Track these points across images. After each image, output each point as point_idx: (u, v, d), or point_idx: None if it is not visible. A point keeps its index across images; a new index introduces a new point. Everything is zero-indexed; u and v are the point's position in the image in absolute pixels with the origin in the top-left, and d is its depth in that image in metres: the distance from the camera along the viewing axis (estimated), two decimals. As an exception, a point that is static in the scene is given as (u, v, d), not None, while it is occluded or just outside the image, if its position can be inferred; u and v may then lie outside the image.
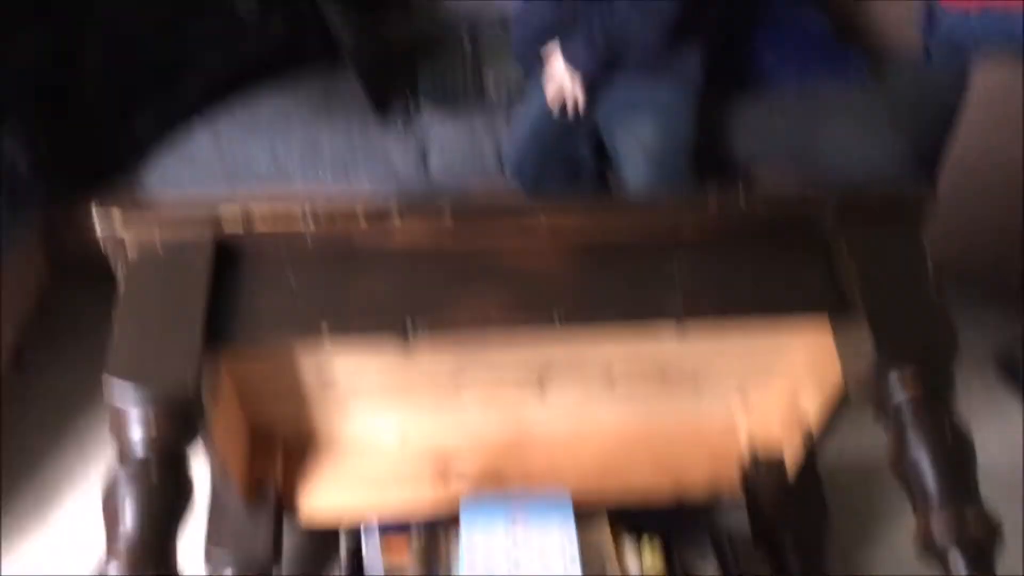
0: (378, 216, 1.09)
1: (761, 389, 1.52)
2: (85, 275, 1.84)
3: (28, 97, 1.60)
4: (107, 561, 0.92)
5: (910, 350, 1.07)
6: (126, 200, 1.73)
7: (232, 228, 1.06)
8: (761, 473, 1.48)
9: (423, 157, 1.84)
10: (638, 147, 1.76)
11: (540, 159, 1.82)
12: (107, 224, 1.05)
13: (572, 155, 1.86)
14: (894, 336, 1.07)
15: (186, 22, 1.81)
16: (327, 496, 1.48)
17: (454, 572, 1.28)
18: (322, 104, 1.85)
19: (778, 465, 1.48)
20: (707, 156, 1.83)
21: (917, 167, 1.81)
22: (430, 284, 1.12)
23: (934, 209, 1.16)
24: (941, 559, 1.00)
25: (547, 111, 1.77)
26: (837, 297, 1.12)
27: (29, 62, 1.62)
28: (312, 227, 1.07)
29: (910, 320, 1.08)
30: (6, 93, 1.58)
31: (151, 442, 0.98)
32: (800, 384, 1.42)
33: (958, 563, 0.98)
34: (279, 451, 1.48)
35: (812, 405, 1.37)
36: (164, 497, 0.97)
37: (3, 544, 1.62)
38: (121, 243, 1.06)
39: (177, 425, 1.00)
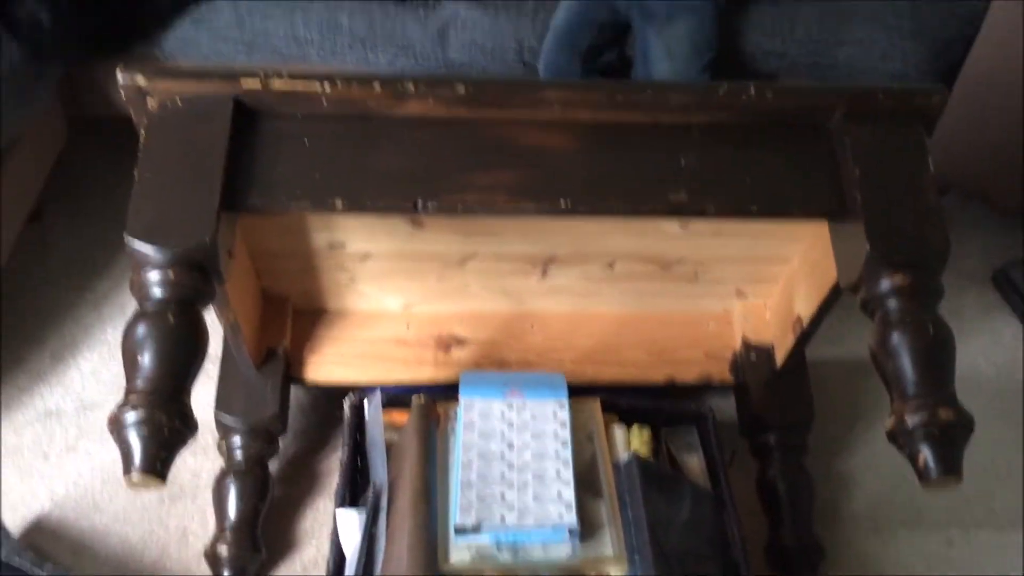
0: (393, 84, 1.11)
1: (758, 285, 1.56)
2: (102, 136, 1.89)
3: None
4: (124, 404, 0.98)
5: (903, 249, 1.10)
6: (148, 62, 1.75)
7: (251, 86, 1.09)
8: (751, 360, 1.54)
9: (442, 40, 1.83)
10: (664, 51, 1.76)
11: (568, 63, 1.80)
12: (130, 78, 1.07)
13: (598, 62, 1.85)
14: (889, 235, 1.10)
15: None
16: (333, 364, 1.54)
17: (452, 436, 1.35)
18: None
19: (768, 353, 1.54)
20: (728, 64, 1.82)
21: (935, 77, 1.81)
22: (442, 159, 1.14)
23: (942, 111, 1.18)
24: (909, 445, 1.05)
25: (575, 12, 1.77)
26: (838, 198, 1.15)
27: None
28: (328, 90, 1.10)
29: (906, 221, 1.11)
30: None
31: (170, 294, 1.03)
32: (796, 282, 1.46)
33: (925, 450, 1.03)
34: (288, 318, 1.54)
35: (806, 304, 1.41)
36: (181, 343, 1.02)
37: (20, 400, 1.68)
38: (143, 96, 1.08)
39: (195, 281, 1.05)
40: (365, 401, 1.42)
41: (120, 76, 1.06)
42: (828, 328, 1.45)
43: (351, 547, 1.28)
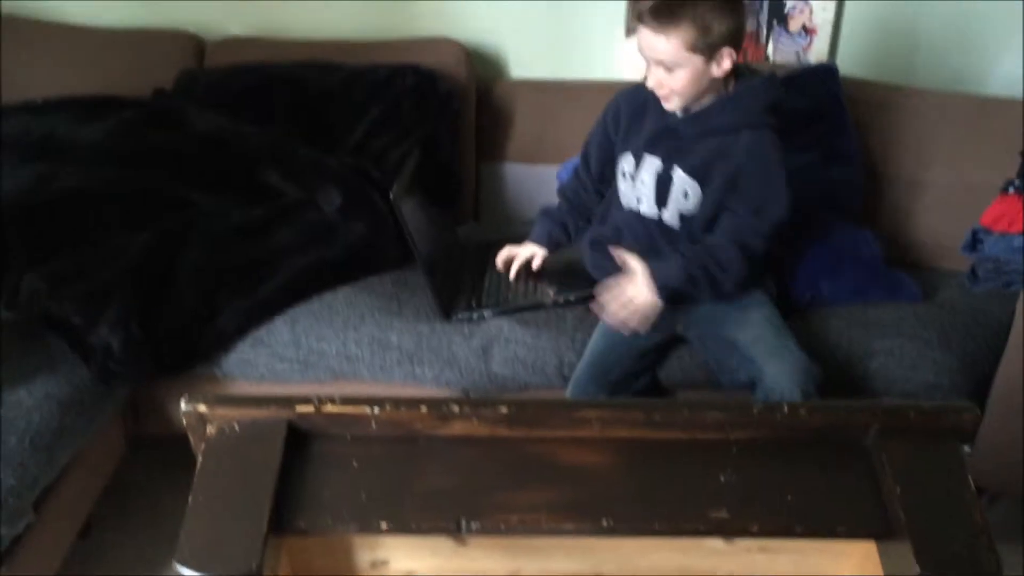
0: (438, 406, 1.16)
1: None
2: (158, 452, 1.95)
3: (129, 288, 1.75)
4: None
5: (954, 573, 1.07)
6: (208, 391, 1.85)
7: (304, 409, 1.15)
8: None
9: (486, 355, 1.92)
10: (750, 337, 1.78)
11: (596, 395, 1.82)
12: (192, 407, 1.14)
13: (631, 373, 1.88)
14: (939, 558, 1.07)
15: (276, 226, 1.99)
16: None
17: None
18: (393, 302, 1.97)
19: None
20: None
21: (968, 386, 1.84)
22: (485, 478, 1.17)
23: (978, 428, 1.20)
24: None
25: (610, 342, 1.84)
26: (883, 518, 1.14)
27: (135, 258, 1.80)
28: (377, 412, 1.15)
29: (955, 542, 1.09)
30: (114, 284, 1.74)
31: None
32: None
33: None
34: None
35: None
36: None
37: None
38: (203, 423, 1.14)
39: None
40: None
41: (183, 404, 1.13)
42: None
43: None
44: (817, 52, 2.49)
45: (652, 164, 1.82)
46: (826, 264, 2.04)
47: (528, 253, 2.02)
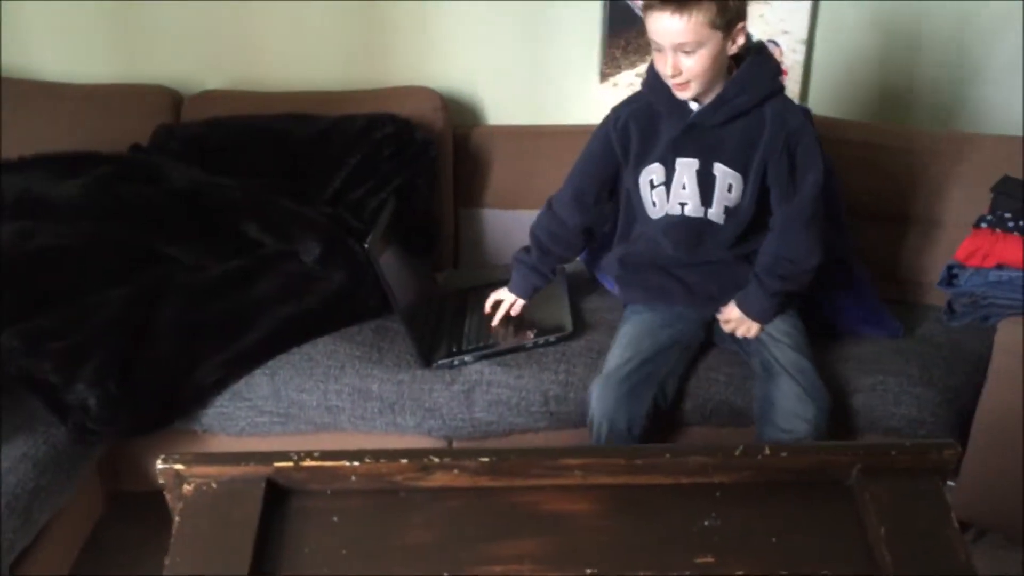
0: (419, 457, 1.15)
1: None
2: (137, 508, 1.92)
3: (107, 344, 1.74)
4: None
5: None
6: (186, 448, 1.83)
7: (283, 465, 1.13)
8: None
9: (468, 400, 1.92)
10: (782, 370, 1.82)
11: (629, 402, 1.81)
12: (169, 467, 1.12)
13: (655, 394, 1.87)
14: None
15: (255, 278, 1.99)
16: None
17: None
18: (374, 351, 1.97)
19: None
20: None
21: (950, 420, 1.84)
22: (467, 529, 1.15)
23: (960, 463, 1.20)
24: None
25: (639, 355, 1.85)
26: (868, 558, 1.13)
27: (113, 314, 1.79)
28: (357, 466, 1.14)
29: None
30: (91, 341, 1.73)
31: None
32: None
33: None
34: None
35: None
36: None
37: None
38: (180, 482, 1.13)
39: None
40: None
41: (160, 463, 1.11)
42: None
43: None
44: (789, 92, 2.52)
45: (689, 166, 1.83)
46: (818, 296, 2.05)
47: (510, 301, 2.03)
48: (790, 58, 2.49)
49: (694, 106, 1.79)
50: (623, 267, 2.01)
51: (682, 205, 1.86)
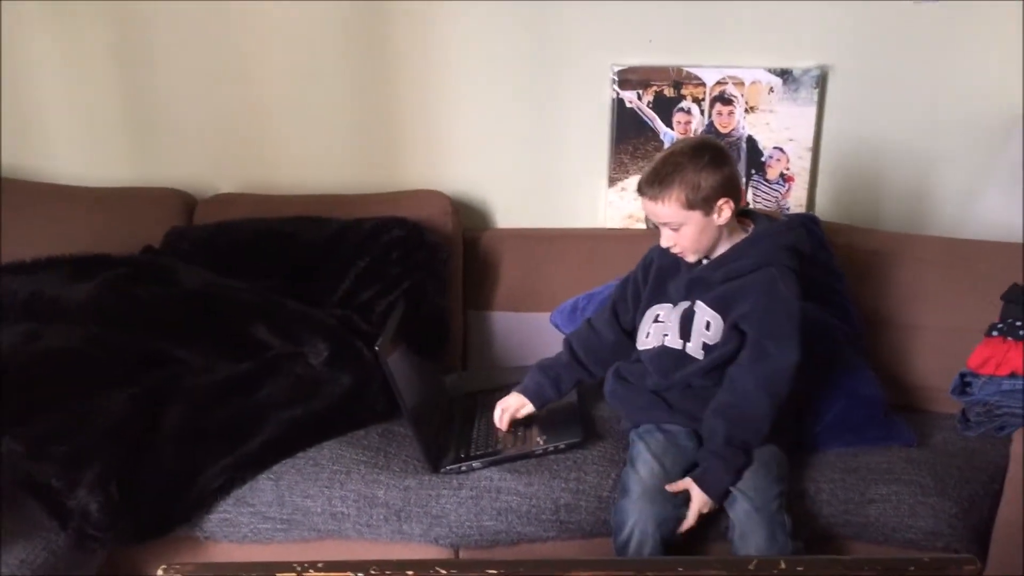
0: (425, 569, 1.12)
1: None
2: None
3: (110, 449, 1.72)
4: None
5: None
6: (187, 556, 1.80)
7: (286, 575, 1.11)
8: None
9: (476, 507, 1.88)
10: (745, 501, 1.79)
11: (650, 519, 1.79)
12: (170, 573, 1.10)
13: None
14: None
15: (262, 380, 1.98)
16: None
17: None
18: (380, 456, 1.94)
19: None
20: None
21: (967, 532, 1.80)
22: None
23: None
24: None
25: (653, 478, 1.83)
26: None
27: (117, 418, 1.78)
28: (363, 581, 1.11)
29: None
30: (94, 445, 1.71)
31: None
32: None
33: None
34: None
35: None
36: None
37: None
38: (180, 593, 1.10)
39: None
40: None
41: (161, 573, 1.09)
42: None
43: None
44: (796, 198, 2.56)
45: (682, 304, 1.95)
46: (826, 404, 2.04)
47: (517, 405, 2.02)
48: (796, 164, 2.52)
49: (704, 260, 1.94)
50: (614, 378, 2.05)
51: (665, 336, 1.96)
